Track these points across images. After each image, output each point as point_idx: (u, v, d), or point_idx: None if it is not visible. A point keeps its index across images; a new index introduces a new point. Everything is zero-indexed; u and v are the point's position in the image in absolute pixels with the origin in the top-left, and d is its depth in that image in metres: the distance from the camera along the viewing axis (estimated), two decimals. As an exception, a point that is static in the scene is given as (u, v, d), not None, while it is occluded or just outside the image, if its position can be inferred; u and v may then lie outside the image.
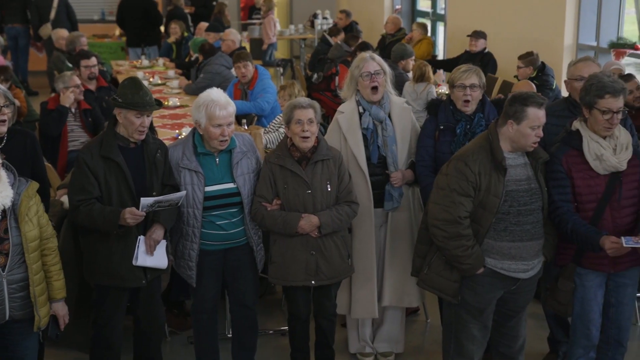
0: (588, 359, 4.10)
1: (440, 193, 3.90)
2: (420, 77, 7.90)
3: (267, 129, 6.24)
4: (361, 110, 4.64)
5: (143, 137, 4.14)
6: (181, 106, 8.20)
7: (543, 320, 4.93)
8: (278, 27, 14.65)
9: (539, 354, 4.91)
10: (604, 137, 3.88)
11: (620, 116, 3.84)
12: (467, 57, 9.63)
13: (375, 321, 4.91)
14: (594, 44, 9.51)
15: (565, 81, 4.73)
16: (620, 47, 8.89)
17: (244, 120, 7.17)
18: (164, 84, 9.64)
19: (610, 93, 3.80)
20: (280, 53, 16.66)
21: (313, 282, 4.35)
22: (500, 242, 3.86)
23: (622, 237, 3.73)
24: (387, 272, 4.75)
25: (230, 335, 4.79)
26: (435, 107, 4.67)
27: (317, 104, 4.39)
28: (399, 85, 7.76)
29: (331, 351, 4.67)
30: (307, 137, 4.25)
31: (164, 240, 4.19)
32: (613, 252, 3.76)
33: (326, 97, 9.19)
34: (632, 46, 8.85)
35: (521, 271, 3.92)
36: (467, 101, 4.46)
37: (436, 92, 8.03)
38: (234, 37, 9.86)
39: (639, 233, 3.85)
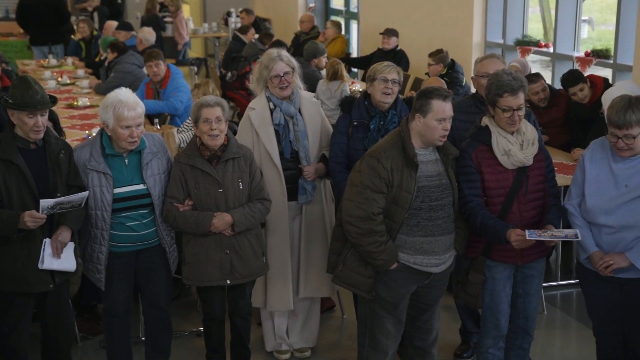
0: (497, 349, 4.20)
1: (353, 190, 3.93)
2: (334, 75, 7.95)
3: (180, 128, 6.16)
4: (272, 106, 4.65)
5: (40, 136, 4.03)
6: (91, 106, 8.02)
7: (455, 313, 5.03)
8: (191, 26, 14.50)
9: (451, 345, 5.01)
10: (512, 133, 3.98)
11: (522, 112, 3.94)
12: (380, 55, 9.75)
13: (290, 315, 4.92)
14: (501, 41, 9.77)
15: (472, 78, 4.84)
16: (525, 44, 9.16)
17: (157, 120, 7.06)
18: (73, 84, 9.41)
19: (509, 92, 3.90)
20: (194, 52, 16.49)
21: (228, 281, 4.32)
22: (413, 237, 3.92)
23: (527, 230, 3.84)
24: (302, 264, 4.79)
25: (144, 338, 4.71)
26: (349, 104, 4.71)
27: (225, 102, 4.37)
28: (312, 83, 7.79)
29: (247, 350, 4.65)
30: (216, 136, 4.22)
31: (72, 243, 4.08)
32: (518, 245, 3.86)
33: (240, 95, 9.15)
34: (537, 44, 9.13)
35: (433, 265, 3.98)
36: (387, 94, 4.51)
37: (350, 89, 8.10)
38: (143, 35, 9.70)
39: (543, 226, 3.97)
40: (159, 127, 6.70)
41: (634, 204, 3.76)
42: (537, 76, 6.70)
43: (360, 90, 7.90)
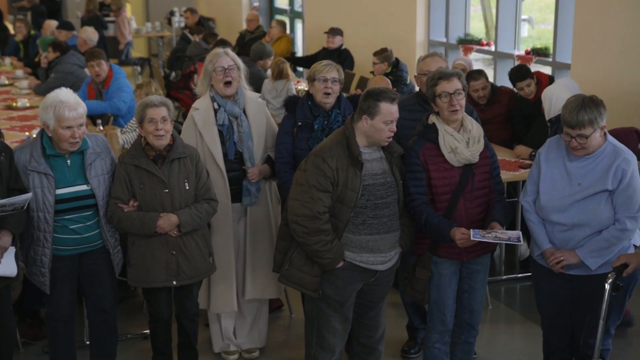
0: (444, 343, 4.25)
1: (299, 189, 3.93)
2: (279, 74, 7.94)
3: (124, 129, 6.09)
4: (216, 106, 4.62)
5: None
6: (31, 107, 7.86)
7: (402, 309, 5.07)
8: (134, 25, 14.32)
9: (398, 341, 5.05)
10: (459, 131, 4.02)
11: (460, 97, 3.97)
12: (325, 54, 9.78)
13: (237, 316, 4.90)
14: (444, 40, 9.88)
15: (415, 76, 4.88)
16: (467, 43, 9.29)
17: (99, 121, 6.97)
18: (11, 85, 9.21)
19: (441, 77, 3.97)
20: (137, 51, 16.29)
21: (174, 282, 4.29)
22: (359, 235, 3.94)
23: (471, 230, 3.88)
24: (248, 265, 4.77)
25: (88, 343, 4.63)
26: (293, 104, 4.70)
27: (170, 102, 4.33)
28: (257, 84, 7.78)
29: (194, 352, 4.62)
30: (162, 136, 4.19)
31: (13, 247, 3.99)
32: (462, 243, 3.91)
33: (185, 95, 9.07)
34: (479, 42, 9.27)
35: (379, 263, 4.00)
36: (327, 94, 4.52)
37: (296, 88, 8.11)
38: (86, 35, 9.54)
39: (487, 226, 4.02)
40: (101, 127, 6.61)
41: (586, 203, 3.82)
42: (480, 73, 6.77)
43: (306, 89, 7.91)
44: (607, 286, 3.56)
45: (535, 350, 4.43)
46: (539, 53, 8.34)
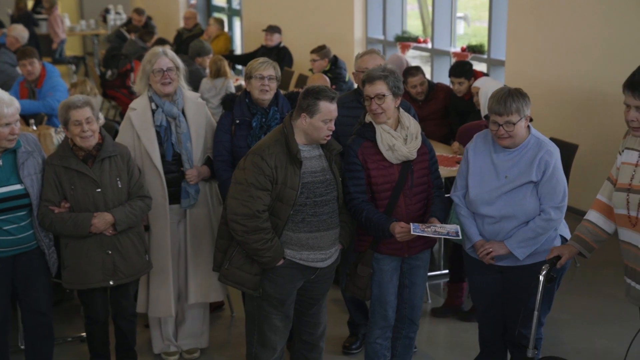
0: (385, 339, 4.28)
1: (238, 188, 3.91)
2: (217, 72, 7.90)
3: (58, 129, 5.96)
4: (154, 106, 4.56)
5: None
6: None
7: (343, 305, 5.10)
8: (68, 23, 14.04)
9: (340, 337, 5.07)
10: (395, 128, 4.05)
11: (381, 102, 3.98)
12: (264, 52, 9.75)
13: (178, 318, 4.86)
14: (382, 37, 9.97)
15: (353, 73, 4.91)
16: (405, 40, 9.38)
17: (32, 121, 6.81)
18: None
19: (366, 81, 4.01)
20: (72, 50, 15.97)
21: (111, 282, 4.24)
22: (299, 233, 3.93)
23: (411, 224, 3.92)
24: (190, 269, 4.71)
25: (23, 347, 4.53)
26: (230, 102, 4.68)
27: (92, 100, 4.27)
28: (196, 82, 7.71)
29: (133, 353, 4.56)
30: (89, 136, 4.14)
31: None
32: (401, 237, 3.94)
33: (122, 94, 8.94)
34: (415, 39, 9.37)
35: (320, 260, 4.01)
36: (264, 91, 4.52)
37: (235, 86, 8.07)
38: (17, 33, 9.31)
39: (427, 221, 4.06)
40: (35, 127, 6.46)
41: (513, 195, 3.89)
42: (417, 70, 6.84)
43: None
44: (541, 278, 3.63)
45: (473, 343, 4.50)
46: (474, 50, 8.48)
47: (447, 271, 5.97)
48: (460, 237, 3.96)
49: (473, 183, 3.98)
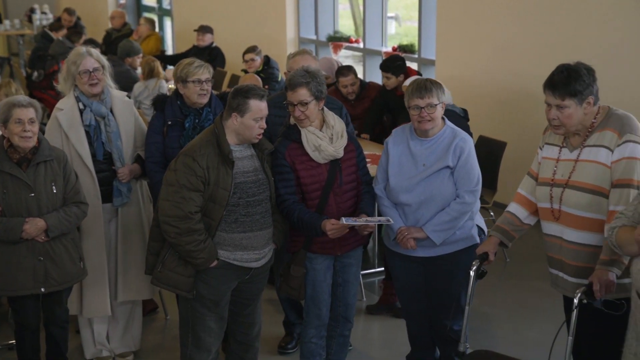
0: (320, 338, 4.30)
1: (169, 189, 3.88)
2: (150, 73, 7.82)
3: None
4: (81, 106, 4.50)
5: None
6: None
7: (278, 305, 5.11)
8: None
9: (275, 337, 5.08)
10: (320, 128, 4.08)
11: (303, 108, 4.02)
12: (196, 52, 9.69)
13: (110, 320, 4.79)
14: (314, 37, 10.00)
15: (285, 73, 4.92)
16: (337, 40, 9.44)
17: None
18: None
19: (290, 88, 4.03)
20: (-4, 50, 15.54)
21: (43, 289, 4.15)
22: (232, 233, 3.92)
23: (342, 217, 3.96)
24: (120, 267, 4.68)
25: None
26: (162, 103, 4.65)
27: (37, 103, 4.20)
28: (125, 83, 7.61)
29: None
30: (29, 137, 4.04)
31: None
32: (333, 234, 3.97)
33: (49, 95, 8.74)
34: (347, 39, 9.44)
35: (254, 260, 4.01)
36: (203, 94, 4.52)
37: (168, 87, 8.00)
38: None
39: (357, 214, 4.11)
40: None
41: (431, 180, 4.01)
42: (349, 69, 6.90)
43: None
44: (472, 273, 3.71)
45: (407, 338, 4.55)
46: (405, 50, 8.59)
47: (381, 269, 6.04)
48: (392, 222, 4.02)
49: (392, 172, 4.08)
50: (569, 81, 3.39)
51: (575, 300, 3.31)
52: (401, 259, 4.15)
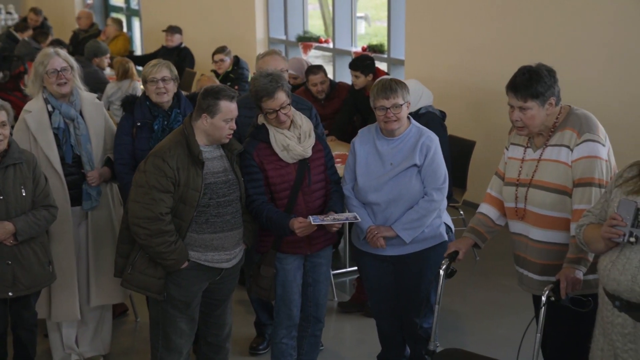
0: (291, 338, 4.30)
1: (139, 191, 3.86)
2: (124, 74, 7.78)
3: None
4: (50, 108, 4.45)
5: None
6: None
7: (249, 306, 5.10)
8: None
9: (247, 338, 5.07)
10: (289, 128, 4.08)
11: (285, 110, 4.02)
12: (164, 53, 9.65)
13: (80, 324, 4.75)
14: (284, 37, 10.00)
15: (254, 74, 4.91)
16: (307, 40, 9.44)
17: None
18: None
19: (265, 96, 3.99)
20: (-40, 51, 15.32)
21: (10, 293, 4.10)
22: (203, 234, 3.92)
23: (310, 216, 3.97)
24: (92, 271, 4.64)
25: None
26: (131, 104, 4.62)
27: (8, 105, 4.15)
28: (94, 83, 7.54)
29: (33, 364, 4.43)
30: (0, 140, 3.99)
31: None
32: (301, 232, 3.98)
33: (15, 97, 8.62)
34: (317, 39, 9.45)
35: (224, 261, 4.00)
36: (161, 93, 4.49)
37: (141, 88, 7.95)
38: None
39: (325, 213, 4.11)
40: None
41: (398, 179, 4.04)
42: (319, 68, 6.92)
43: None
44: (441, 272, 3.74)
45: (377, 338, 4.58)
46: (375, 50, 8.62)
47: (354, 268, 6.06)
48: (360, 220, 4.04)
49: (360, 172, 4.10)
50: (531, 83, 3.43)
51: (543, 298, 3.35)
52: (370, 258, 4.17)
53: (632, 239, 2.91)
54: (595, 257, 3.25)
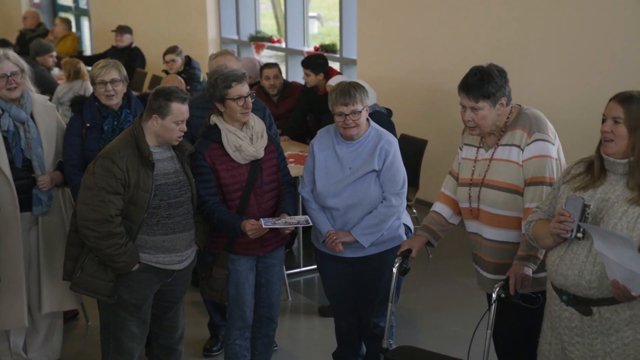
0: (244, 339, 4.28)
1: (88, 193, 3.80)
2: (76, 75, 7.67)
3: None
4: None
5: None
6: None
7: (203, 307, 5.06)
8: None
9: (200, 340, 5.04)
10: (241, 129, 4.06)
11: (251, 100, 4.04)
12: (114, 53, 9.54)
13: (29, 330, 4.66)
14: (236, 37, 9.96)
15: (206, 74, 4.88)
16: (259, 40, 9.42)
17: None
18: None
19: (236, 80, 3.99)
20: None
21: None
22: (154, 236, 3.87)
23: (261, 219, 3.95)
24: (43, 277, 4.55)
25: None
26: (80, 105, 4.55)
27: None
28: (41, 83, 7.42)
29: (-21, 371, 4.34)
30: None
31: None
32: (253, 234, 3.96)
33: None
34: (270, 39, 9.43)
35: (176, 263, 3.96)
36: (110, 96, 4.43)
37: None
38: None
39: (278, 214, 4.10)
40: None
41: (357, 184, 4.03)
42: (274, 64, 7.01)
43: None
44: (394, 270, 3.75)
45: (333, 337, 4.58)
46: (327, 49, 8.63)
47: (307, 268, 6.06)
48: (311, 224, 4.04)
49: (319, 176, 4.08)
50: (482, 84, 3.46)
51: (494, 295, 3.39)
52: (330, 259, 4.16)
53: (579, 235, 2.96)
54: (545, 255, 3.29)
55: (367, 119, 4.09)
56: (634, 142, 2.94)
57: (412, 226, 4.45)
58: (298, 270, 6.21)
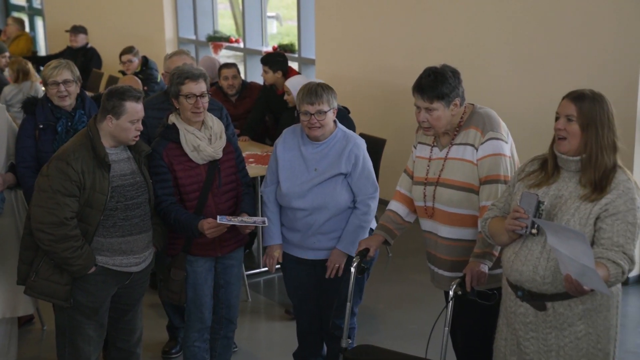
0: (203, 341, 4.25)
1: (42, 195, 3.74)
2: (25, 76, 7.55)
3: None
4: (-53, 113, 4.27)
5: None
6: None
7: (161, 309, 5.03)
8: None
9: (159, 342, 5.00)
10: (200, 128, 4.04)
11: (205, 100, 4.01)
12: (70, 53, 9.43)
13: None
14: (194, 37, 9.90)
15: (162, 74, 4.85)
16: (217, 40, 9.38)
17: None
18: None
19: (190, 78, 3.97)
20: None
21: None
22: (110, 238, 3.83)
23: (218, 216, 3.94)
24: None
25: None
26: (32, 106, 4.49)
27: None
28: (-6, 84, 7.30)
29: None
30: None
31: None
32: (211, 233, 3.94)
33: None
34: (228, 39, 9.40)
35: (133, 265, 3.93)
36: (63, 97, 4.38)
37: (43, 90, 7.73)
38: None
39: (237, 214, 4.09)
40: None
41: (324, 186, 4.01)
42: (233, 64, 7.02)
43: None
44: (352, 269, 3.76)
45: (293, 337, 4.58)
46: (286, 49, 8.63)
47: (266, 269, 6.04)
48: (267, 225, 4.03)
49: (284, 177, 4.06)
50: (436, 84, 3.48)
51: (451, 293, 3.42)
52: (292, 260, 4.15)
53: (534, 231, 3.00)
54: (501, 252, 3.33)
55: (335, 121, 4.07)
56: (586, 139, 2.99)
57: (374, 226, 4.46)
58: (258, 270, 6.20)
